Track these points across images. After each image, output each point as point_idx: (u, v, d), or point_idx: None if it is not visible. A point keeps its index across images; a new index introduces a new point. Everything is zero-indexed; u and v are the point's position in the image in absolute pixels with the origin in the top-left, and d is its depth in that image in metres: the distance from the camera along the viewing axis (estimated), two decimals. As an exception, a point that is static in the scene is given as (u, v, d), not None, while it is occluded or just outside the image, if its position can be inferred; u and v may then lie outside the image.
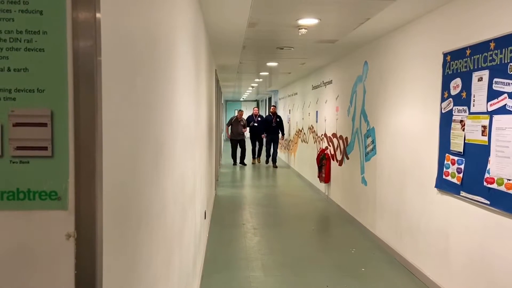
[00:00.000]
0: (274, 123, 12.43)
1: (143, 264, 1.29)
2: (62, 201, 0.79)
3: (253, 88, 15.84)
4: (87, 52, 0.78)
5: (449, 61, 3.66)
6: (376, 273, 4.32)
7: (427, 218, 4.02)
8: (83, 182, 0.79)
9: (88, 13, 0.77)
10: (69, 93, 0.78)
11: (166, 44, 1.76)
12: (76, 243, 0.79)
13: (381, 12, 4.04)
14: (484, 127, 3.13)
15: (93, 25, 0.78)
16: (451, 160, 3.60)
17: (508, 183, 2.84)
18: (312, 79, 9.63)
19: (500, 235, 2.95)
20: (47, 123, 0.78)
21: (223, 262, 4.60)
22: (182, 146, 2.35)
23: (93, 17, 0.78)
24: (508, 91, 2.86)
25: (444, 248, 3.70)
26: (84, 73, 0.78)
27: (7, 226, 0.77)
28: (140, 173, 1.25)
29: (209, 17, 4.28)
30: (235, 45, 5.88)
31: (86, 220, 0.79)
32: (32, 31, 0.76)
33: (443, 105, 3.74)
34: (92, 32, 0.78)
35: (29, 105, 0.77)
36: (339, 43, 5.72)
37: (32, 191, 0.78)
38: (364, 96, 5.88)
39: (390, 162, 4.94)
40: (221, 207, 7.24)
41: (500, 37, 2.93)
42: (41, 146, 0.78)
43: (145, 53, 1.31)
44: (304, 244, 5.36)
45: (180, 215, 2.30)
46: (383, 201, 5.15)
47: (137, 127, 1.21)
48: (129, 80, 1.12)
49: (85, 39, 0.78)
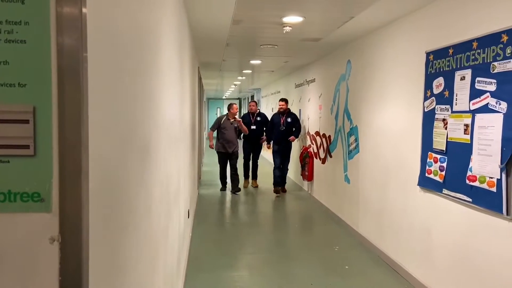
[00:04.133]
0: (283, 125, 8.04)
1: (129, 268, 1.24)
2: (45, 203, 0.74)
3: (236, 86, 15.79)
4: (73, 45, 0.73)
5: (432, 60, 3.69)
6: (360, 271, 4.34)
7: (410, 215, 4.06)
8: (68, 183, 0.74)
9: (73, 4, 0.73)
10: (53, 88, 0.73)
11: (151, 39, 1.71)
12: (61, 247, 0.74)
13: (365, 11, 4.05)
14: (467, 126, 3.17)
15: (79, 17, 0.73)
16: (434, 158, 3.63)
17: (490, 181, 2.88)
18: (295, 77, 9.64)
19: (482, 232, 2.99)
20: (29, 120, 0.73)
21: (207, 261, 4.56)
22: (167, 145, 2.30)
23: (78, 9, 0.73)
24: (490, 90, 2.89)
25: (427, 245, 3.74)
26: (69, 66, 0.73)
27: (-15, 230, 0.72)
28: (126, 172, 1.21)
29: (193, 13, 4.21)
30: (219, 42, 5.82)
31: (71, 223, 0.75)
32: (13, 22, 0.72)
33: (425, 104, 3.78)
34: (78, 24, 0.73)
35: (10, 101, 0.72)
36: (322, 42, 5.73)
37: (13, 193, 0.73)
38: (347, 95, 5.91)
39: (373, 160, 4.97)
40: (204, 206, 7.17)
41: (483, 37, 2.96)
42: (22, 145, 0.73)
43: (130, 48, 1.27)
44: (288, 242, 5.35)
45: (165, 215, 2.26)
46: (366, 199, 5.18)
47: (123, 125, 1.16)
48: (115, 76, 1.07)
49: (71, 31, 0.73)
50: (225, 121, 8.07)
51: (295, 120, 8.30)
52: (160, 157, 1.98)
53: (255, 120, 8.75)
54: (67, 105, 0.73)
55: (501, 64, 2.77)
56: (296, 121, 8.30)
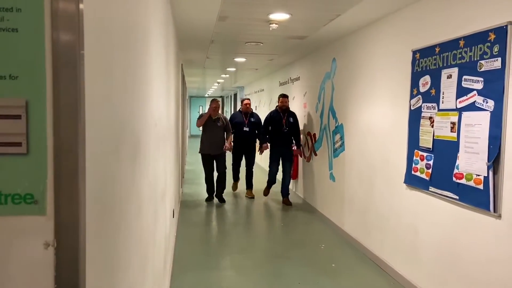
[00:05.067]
0: (285, 126, 6.87)
1: (121, 270, 1.18)
2: (39, 205, 0.68)
3: (219, 84, 15.69)
4: (69, 35, 0.68)
5: (418, 59, 3.71)
6: (346, 269, 4.35)
7: (396, 213, 4.08)
8: (63, 183, 0.69)
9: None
10: (47, 80, 0.67)
11: (140, 35, 1.65)
12: (56, 253, 0.69)
13: (352, 9, 4.04)
14: (453, 124, 3.19)
15: (76, 7, 0.68)
16: (420, 156, 3.65)
17: (477, 178, 2.90)
18: (280, 75, 9.62)
19: (468, 229, 3.02)
20: (21, 115, 0.67)
21: (193, 261, 4.49)
22: (155, 143, 2.24)
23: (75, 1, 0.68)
24: (477, 88, 2.92)
25: (413, 243, 3.76)
26: (65, 57, 0.68)
27: (-27, 235, 0.66)
28: (119, 172, 1.15)
29: (178, 8, 4.13)
30: (204, 39, 5.75)
31: (67, 227, 0.69)
32: (4, 8, 0.66)
33: (412, 102, 3.79)
34: (75, 14, 0.68)
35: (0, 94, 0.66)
36: (308, 40, 5.71)
37: (3, 194, 0.67)
38: (333, 93, 5.91)
39: (359, 158, 4.99)
40: (188, 205, 7.09)
41: (469, 35, 2.98)
42: (14, 142, 0.67)
43: (123, 43, 1.21)
44: (274, 241, 5.33)
45: (153, 215, 2.19)
46: (352, 197, 5.20)
47: (115, 122, 1.10)
48: (107, 71, 1.01)
49: (66, 20, 0.67)
50: (208, 119, 6.96)
51: (297, 121, 7.06)
52: (149, 156, 1.92)
53: (248, 121, 7.40)
54: (62, 100, 0.68)
55: (488, 62, 2.80)
56: (297, 123, 7.06)
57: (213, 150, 6.93)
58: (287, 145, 6.94)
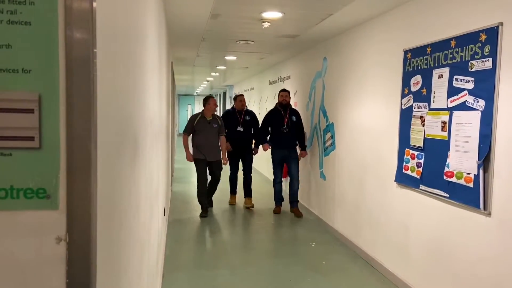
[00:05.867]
0: (285, 126, 6.13)
1: (123, 265, 1.18)
2: (51, 200, 0.68)
3: (208, 82, 15.65)
4: (82, 30, 0.67)
5: (409, 58, 3.75)
6: (337, 266, 4.38)
7: (387, 211, 4.12)
8: (76, 178, 0.68)
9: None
10: (60, 74, 0.67)
11: (139, 33, 1.64)
12: (68, 248, 0.68)
13: (344, 8, 4.07)
14: (444, 123, 3.24)
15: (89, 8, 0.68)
16: (411, 155, 3.70)
17: (467, 176, 2.95)
18: (270, 74, 9.64)
19: (459, 226, 3.07)
20: (34, 109, 0.66)
21: (184, 260, 4.49)
22: (150, 141, 2.23)
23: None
24: (468, 88, 2.96)
25: (404, 240, 3.80)
26: (78, 50, 0.67)
27: (-15, 229, 0.65)
28: (121, 168, 1.15)
29: (171, 5, 4.12)
30: (195, 37, 5.73)
31: (79, 221, 0.69)
32: (17, 1, 0.65)
33: (403, 101, 3.83)
34: (88, 13, 0.67)
35: (12, 88, 0.66)
36: (299, 39, 5.73)
37: (15, 189, 0.67)
38: (323, 92, 5.94)
39: (350, 157, 5.02)
40: (178, 203, 7.07)
41: (461, 36, 3.03)
42: (26, 136, 0.67)
43: (126, 42, 1.20)
44: (265, 239, 5.34)
45: (149, 212, 2.19)
46: (343, 195, 5.23)
47: (119, 118, 1.10)
48: (114, 70, 1.01)
49: (80, 14, 0.67)
50: (201, 121, 5.96)
51: (300, 119, 6.32)
52: (146, 152, 1.92)
53: (243, 119, 6.61)
54: (75, 94, 0.67)
55: (479, 62, 2.84)
56: (301, 122, 6.34)
57: (209, 156, 6.01)
58: (290, 146, 6.19)
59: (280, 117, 6.18)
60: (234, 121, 6.58)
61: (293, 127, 6.15)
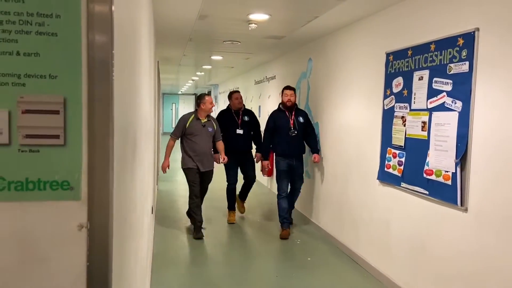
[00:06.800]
0: (294, 129, 5.24)
1: (126, 259, 1.26)
2: (74, 191, 0.76)
3: (193, 81, 15.66)
4: (102, 38, 0.76)
5: (391, 61, 3.89)
6: (322, 263, 4.50)
7: (370, 208, 4.26)
8: (96, 172, 0.77)
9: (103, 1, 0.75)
10: (83, 79, 0.75)
11: (137, 33, 1.71)
12: (89, 234, 0.77)
13: (329, 11, 4.19)
14: (424, 123, 3.38)
15: (109, 13, 0.76)
16: (393, 154, 3.84)
17: (446, 174, 3.10)
18: (255, 74, 9.73)
19: (438, 222, 3.22)
20: (59, 110, 0.75)
21: (171, 257, 4.55)
22: (144, 140, 2.30)
23: (108, 5, 0.76)
24: (447, 90, 3.11)
25: (386, 236, 3.94)
26: (99, 59, 0.76)
27: (15, 217, 0.73)
28: (124, 165, 1.22)
29: (159, 5, 4.17)
30: (182, 37, 5.79)
31: (99, 211, 0.78)
32: (44, 14, 0.73)
33: (385, 102, 3.97)
34: (108, 19, 0.76)
35: (40, 91, 0.74)
36: (285, 40, 5.84)
37: (42, 181, 0.75)
38: (308, 92, 6.06)
39: (334, 156, 5.15)
40: (164, 201, 7.12)
41: (440, 40, 3.17)
42: (52, 134, 0.75)
43: (129, 41, 1.28)
44: (251, 237, 5.43)
45: (142, 208, 2.26)
46: (327, 193, 5.36)
47: (125, 120, 1.18)
48: (123, 70, 1.09)
49: (101, 25, 0.75)
50: (194, 123, 5.04)
51: (308, 120, 5.43)
52: (142, 150, 1.99)
53: (241, 120, 5.75)
54: (96, 96, 0.76)
55: (457, 65, 2.99)
56: (309, 122, 5.47)
57: (203, 165, 5.10)
58: (298, 153, 5.33)
59: (285, 119, 5.25)
60: (231, 123, 5.69)
61: (301, 130, 5.28)
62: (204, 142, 5.07)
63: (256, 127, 5.88)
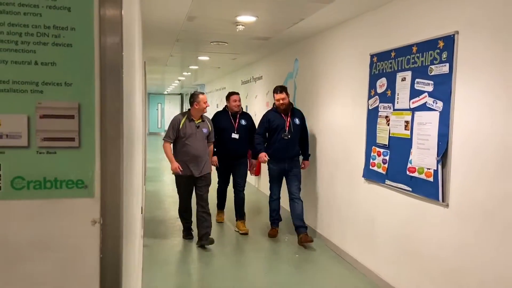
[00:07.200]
0: (287, 132, 4.99)
1: (131, 253, 1.33)
2: (88, 189, 0.83)
3: (180, 81, 15.65)
4: (114, 48, 0.83)
5: (375, 62, 4.00)
6: (309, 259, 4.60)
7: (355, 206, 4.38)
8: (108, 171, 0.84)
9: (115, 10, 0.82)
10: (95, 86, 0.82)
11: (131, 34, 1.77)
12: (102, 229, 0.84)
13: (315, 14, 4.29)
14: (407, 122, 3.50)
15: (119, 22, 0.83)
16: (377, 152, 3.96)
17: (427, 171, 3.22)
18: (242, 74, 9.80)
19: (421, 218, 3.34)
20: (74, 115, 0.82)
21: (161, 255, 4.59)
22: (137, 141, 2.36)
23: (119, 14, 0.83)
24: (428, 90, 3.23)
25: (371, 232, 4.06)
26: (110, 68, 0.83)
27: (34, 214, 0.80)
28: (130, 166, 1.29)
29: (147, 6, 4.21)
30: (170, 37, 5.83)
31: (111, 207, 0.84)
32: (60, 27, 0.80)
33: (370, 102, 4.09)
34: (118, 29, 0.83)
35: (57, 98, 0.81)
36: (271, 41, 5.93)
37: (59, 180, 0.82)
38: (295, 92, 6.16)
39: (321, 155, 5.26)
40: (152, 201, 7.14)
41: (421, 42, 3.29)
42: (68, 137, 0.82)
43: (129, 42, 1.34)
44: (239, 235, 5.50)
45: (137, 208, 2.32)
46: (314, 192, 5.47)
47: (128, 121, 1.24)
48: (127, 72, 1.15)
49: (112, 36, 0.82)
50: (187, 124, 4.69)
51: (304, 122, 5.22)
52: (137, 150, 2.05)
53: (238, 124, 5.43)
54: (108, 102, 0.83)
55: (438, 67, 3.11)
56: (305, 125, 5.26)
57: (198, 169, 4.74)
58: (292, 157, 5.06)
59: (281, 121, 5.00)
60: (227, 126, 5.38)
61: (296, 133, 5.02)
62: (198, 144, 4.70)
63: (253, 132, 5.43)
